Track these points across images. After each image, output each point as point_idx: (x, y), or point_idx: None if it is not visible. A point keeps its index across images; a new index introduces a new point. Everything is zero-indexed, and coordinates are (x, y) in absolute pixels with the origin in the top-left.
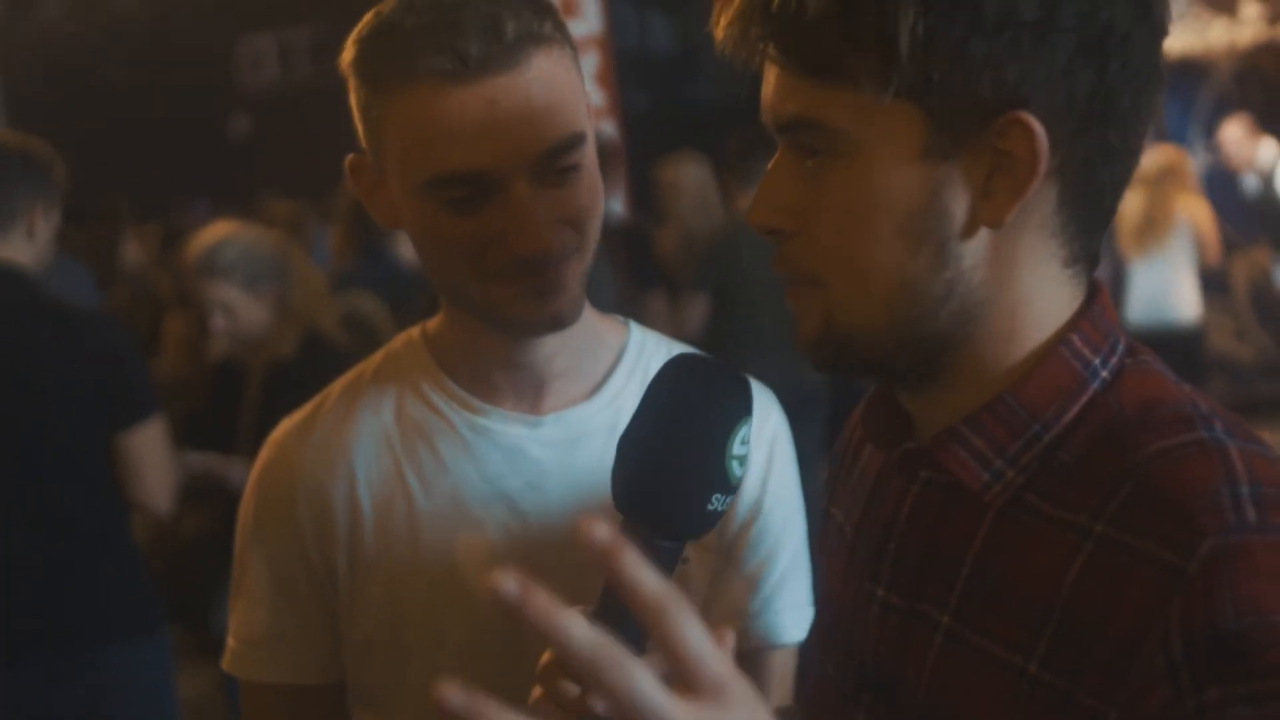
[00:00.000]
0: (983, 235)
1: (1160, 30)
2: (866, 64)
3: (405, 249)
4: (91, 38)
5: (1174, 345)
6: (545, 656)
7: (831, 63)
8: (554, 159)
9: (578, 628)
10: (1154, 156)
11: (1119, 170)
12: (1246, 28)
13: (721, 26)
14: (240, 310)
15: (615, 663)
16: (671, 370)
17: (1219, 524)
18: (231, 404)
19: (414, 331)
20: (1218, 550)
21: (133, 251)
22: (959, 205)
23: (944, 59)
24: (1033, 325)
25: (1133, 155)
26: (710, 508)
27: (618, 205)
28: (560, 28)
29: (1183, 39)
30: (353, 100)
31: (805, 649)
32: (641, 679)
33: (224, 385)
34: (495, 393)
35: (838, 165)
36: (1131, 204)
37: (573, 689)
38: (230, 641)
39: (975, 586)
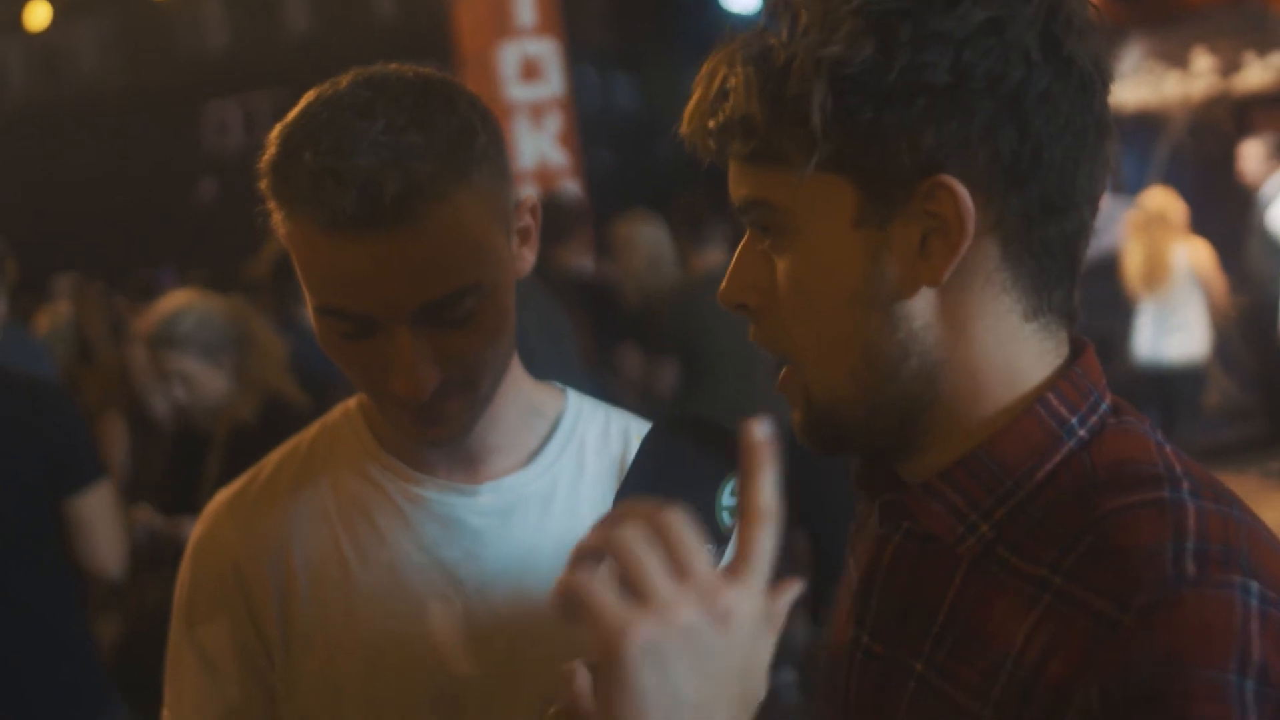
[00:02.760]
0: (928, 295)
1: (1091, 84)
2: (793, 143)
3: None
4: (57, 106)
5: (1174, 384)
6: (551, 711)
7: (766, 146)
8: (438, 310)
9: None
10: (1145, 201)
11: (1067, 224)
12: (1199, 80)
13: (685, 124)
14: (199, 380)
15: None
16: (661, 429)
17: (1157, 578)
18: (193, 470)
19: (351, 403)
20: (1151, 604)
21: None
22: (897, 268)
23: (859, 133)
24: (1000, 381)
25: (1079, 208)
26: None
27: (587, 264)
28: (472, 162)
29: (1137, 92)
30: None
31: (819, 693)
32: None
33: (186, 451)
34: (430, 464)
35: (785, 242)
36: (1130, 250)
37: None
38: (166, 715)
39: (947, 635)
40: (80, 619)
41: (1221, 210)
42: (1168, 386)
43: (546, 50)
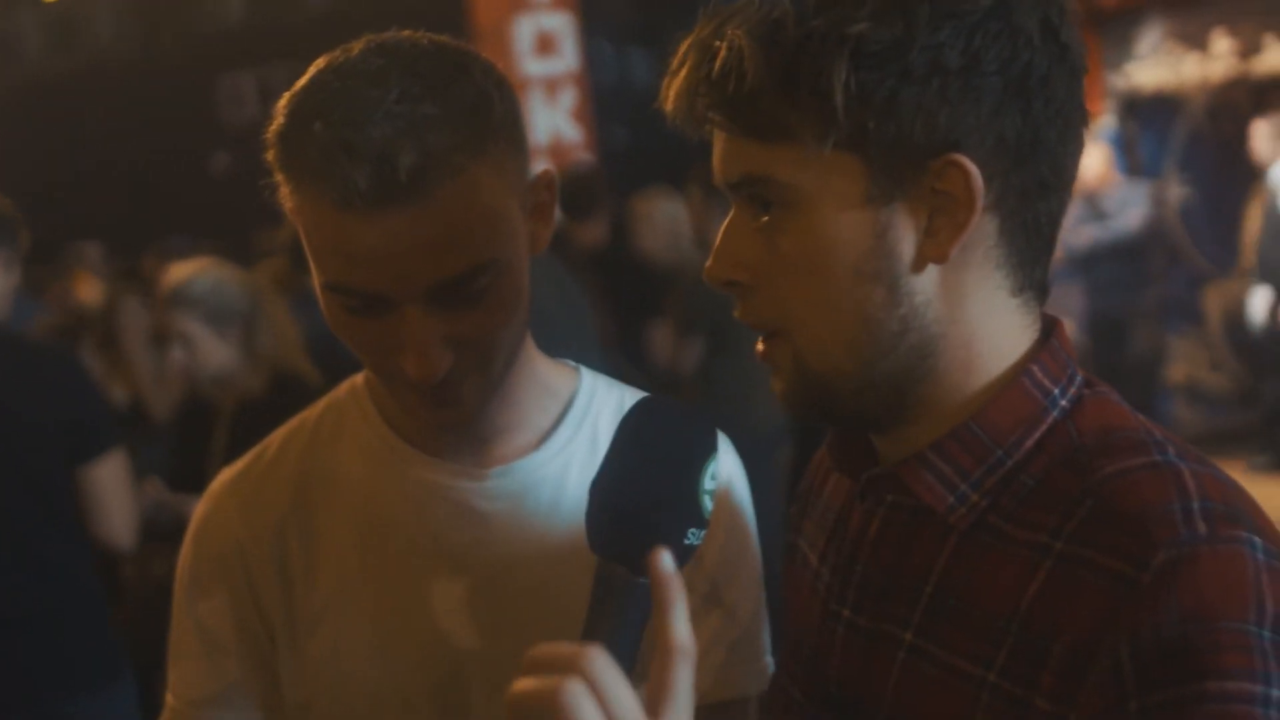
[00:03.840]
0: (931, 271)
1: (1078, 71)
2: (806, 120)
3: None
4: (72, 76)
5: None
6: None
7: (773, 122)
8: (452, 288)
9: None
10: (1274, 175)
11: (1054, 202)
12: (1219, 63)
13: (669, 100)
14: (200, 345)
15: None
16: (639, 412)
17: (1171, 537)
18: (201, 442)
19: (358, 379)
20: (1170, 561)
21: (83, 291)
22: (905, 244)
23: (877, 110)
24: (988, 355)
25: (1065, 188)
26: (686, 542)
27: (602, 238)
28: (490, 134)
29: (1156, 74)
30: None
31: (773, 677)
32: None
33: (193, 423)
34: (438, 446)
35: (788, 217)
36: (1250, 218)
37: None
38: (169, 699)
39: (938, 604)
40: (96, 587)
41: (1238, 193)
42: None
43: (562, 24)
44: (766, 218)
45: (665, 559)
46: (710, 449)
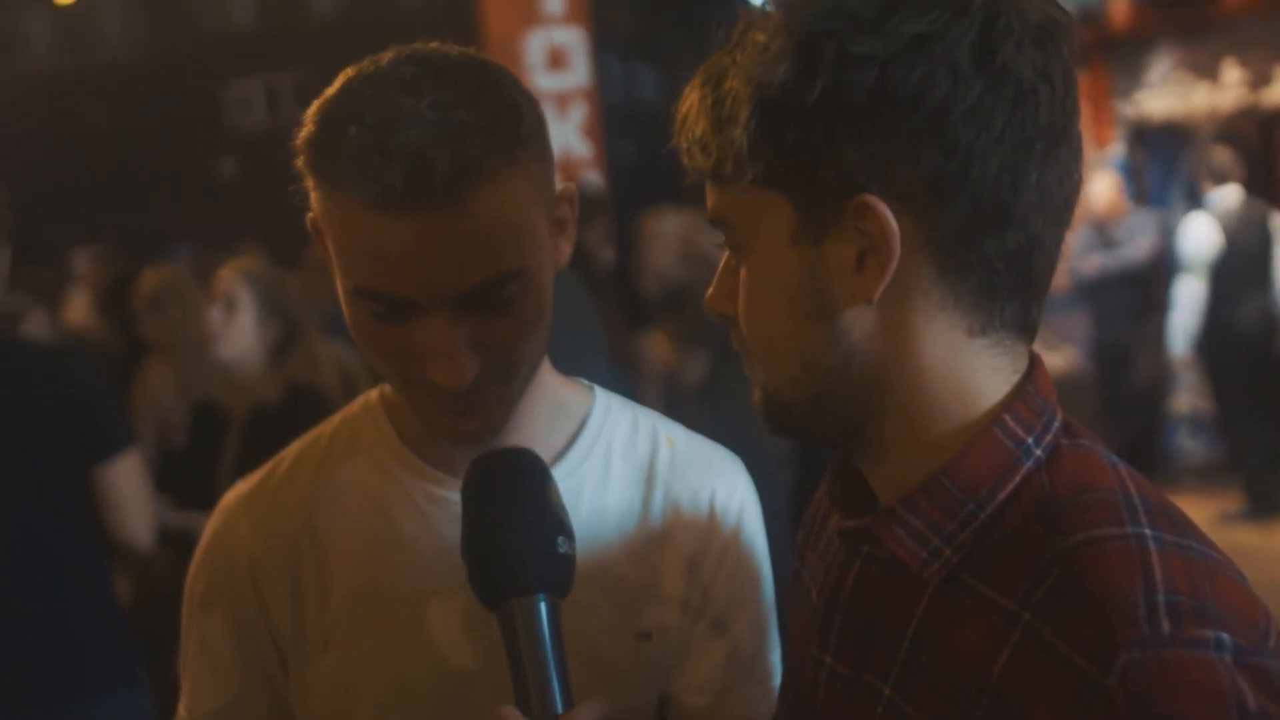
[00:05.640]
0: (866, 311)
1: (1031, 93)
2: (731, 162)
3: None
4: (78, 79)
5: None
6: None
7: (715, 165)
8: (481, 296)
9: None
10: None
11: (1010, 238)
12: (1228, 92)
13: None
14: (240, 317)
15: None
16: (471, 469)
17: (1135, 636)
18: (212, 447)
19: (372, 395)
20: (1135, 664)
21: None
22: (837, 283)
23: (784, 152)
24: (950, 396)
25: (1024, 221)
26: (563, 551)
27: (608, 254)
28: (520, 144)
29: (1165, 103)
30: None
31: (778, 708)
32: None
33: (205, 428)
34: (453, 462)
35: (741, 256)
36: None
37: None
38: (181, 711)
39: (913, 661)
40: (112, 589)
41: None
42: None
43: (573, 39)
44: (734, 256)
45: None
46: (541, 469)
